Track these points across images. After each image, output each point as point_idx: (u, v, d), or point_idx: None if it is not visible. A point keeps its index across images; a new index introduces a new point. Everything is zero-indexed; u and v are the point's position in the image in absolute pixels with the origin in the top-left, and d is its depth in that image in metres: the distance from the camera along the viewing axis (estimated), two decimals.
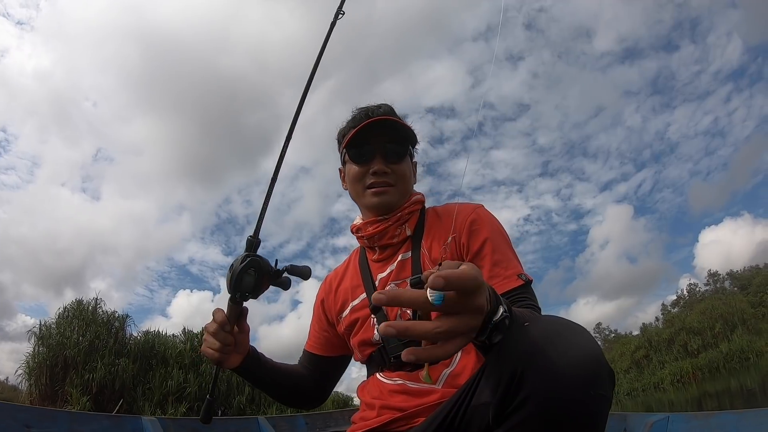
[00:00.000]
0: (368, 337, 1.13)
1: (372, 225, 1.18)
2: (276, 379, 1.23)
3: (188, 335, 15.06)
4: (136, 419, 1.95)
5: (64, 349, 13.18)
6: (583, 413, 0.64)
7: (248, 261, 0.99)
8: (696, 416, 1.81)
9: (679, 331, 39.53)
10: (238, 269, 0.98)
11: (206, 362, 13.70)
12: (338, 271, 1.31)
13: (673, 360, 38.08)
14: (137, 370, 13.35)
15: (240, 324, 1.08)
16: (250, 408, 13.37)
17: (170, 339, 14.85)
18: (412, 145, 1.24)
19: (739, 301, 39.05)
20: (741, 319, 36.29)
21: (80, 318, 14.35)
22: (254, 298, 1.02)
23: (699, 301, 46.71)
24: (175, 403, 12.51)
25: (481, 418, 0.73)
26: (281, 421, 2.51)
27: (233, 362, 1.11)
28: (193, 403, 12.74)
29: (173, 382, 12.91)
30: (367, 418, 1.07)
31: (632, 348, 44.33)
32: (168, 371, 13.26)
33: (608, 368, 0.68)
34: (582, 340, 0.67)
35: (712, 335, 36.67)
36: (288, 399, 1.30)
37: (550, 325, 0.71)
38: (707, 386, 28.45)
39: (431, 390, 1.01)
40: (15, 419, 1.57)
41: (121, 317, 14.84)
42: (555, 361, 0.65)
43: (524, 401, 0.65)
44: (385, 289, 1.07)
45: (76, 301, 15.12)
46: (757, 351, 32.31)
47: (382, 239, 1.17)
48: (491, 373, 0.72)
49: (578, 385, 0.63)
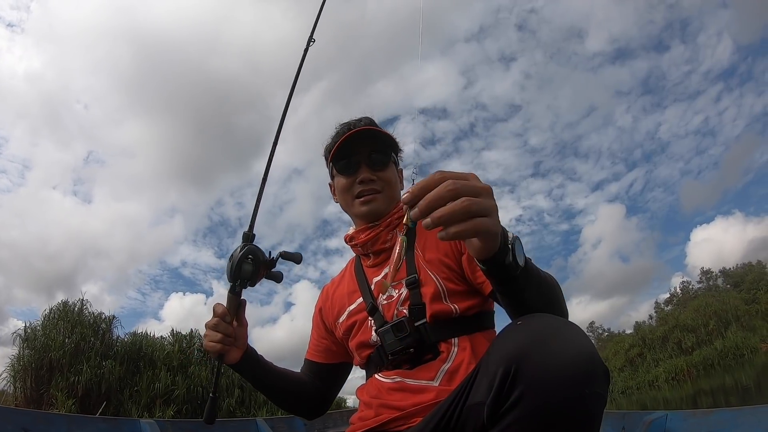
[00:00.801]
0: (366, 339, 1.15)
1: (364, 232, 1.22)
2: (277, 382, 1.25)
3: (176, 337, 14.72)
4: (133, 422, 1.94)
5: (49, 351, 12.83)
6: (578, 412, 0.64)
7: (247, 249, 1.06)
8: (694, 414, 1.82)
9: (673, 329, 39.59)
10: (238, 257, 1.05)
11: (195, 364, 13.49)
12: (335, 280, 1.35)
13: (667, 358, 38.16)
14: (124, 373, 12.99)
15: (239, 317, 1.13)
16: (240, 411, 13.05)
17: (158, 341, 14.48)
18: (396, 153, 1.28)
19: (732, 298, 39.19)
20: (735, 316, 36.37)
21: (66, 320, 14.00)
22: (252, 285, 1.09)
23: (692, 299, 46.91)
24: (162, 406, 12.17)
25: (476, 417, 0.74)
26: (279, 422, 2.51)
27: (234, 356, 1.13)
28: (182, 406, 12.41)
29: (161, 385, 12.55)
30: (365, 418, 1.07)
31: (626, 346, 44.40)
32: (155, 373, 12.92)
33: (603, 366, 0.68)
34: (575, 338, 0.68)
35: (706, 332, 36.74)
36: (289, 404, 1.30)
37: (544, 323, 0.72)
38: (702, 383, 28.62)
39: (429, 387, 1.01)
40: (12, 422, 1.57)
41: (108, 319, 14.46)
42: (548, 360, 0.65)
43: (518, 400, 0.65)
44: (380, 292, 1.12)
45: (62, 302, 14.81)
46: (752, 347, 32.43)
47: (375, 245, 1.21)
48: (485, 372, 0.73)
49: (572, 383, 0.64)
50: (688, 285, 54.68)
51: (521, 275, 0.77)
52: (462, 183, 0.64)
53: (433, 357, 1.04)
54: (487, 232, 0.66)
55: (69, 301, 14.76)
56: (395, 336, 1.06)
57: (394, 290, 1.12)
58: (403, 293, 1.10)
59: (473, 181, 0.66)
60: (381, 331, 1.08)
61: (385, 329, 1.07)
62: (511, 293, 0.82)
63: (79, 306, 14.58)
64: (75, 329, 13.67)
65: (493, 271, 0.77)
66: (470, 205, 0.63)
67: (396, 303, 1.11)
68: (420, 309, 1.06)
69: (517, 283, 0.78)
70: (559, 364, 0.64)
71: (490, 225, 0.65)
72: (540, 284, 0.84)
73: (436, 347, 1.04)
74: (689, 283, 55.09)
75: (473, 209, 0.63)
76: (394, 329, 1.06)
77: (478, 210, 0.64)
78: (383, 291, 1.03)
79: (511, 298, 0.83)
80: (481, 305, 1.09)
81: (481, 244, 0.71)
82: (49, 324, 13.83)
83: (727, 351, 33.46)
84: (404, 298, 1.10)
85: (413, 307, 1.07)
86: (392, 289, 1.12)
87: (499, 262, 0.74)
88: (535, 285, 0.82)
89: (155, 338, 14.58)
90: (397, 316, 1.09)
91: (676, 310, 46.35)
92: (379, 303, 1.13)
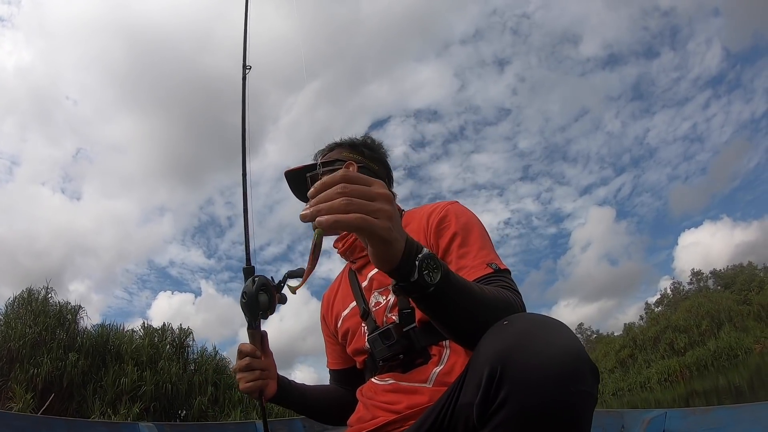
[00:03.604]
0: (360, 346, 1.17)
1: (340, 241, 1.25)
2: (316, 402, 1.30)
3: (147, 330, 13.77)
4: (133, 426, 1.97)
5: (9, 341, 11.93)
6: (564, 410, 0.65)
7: (259, 281, 1.08)
8: (693, 411, 1.81)
9: (665, 329, 39.34)
10: (253, 292, 1.06)
11: (165, 359, 12.59)
12: (333, 287, 1.38)
13: (659, 358, 37.82)
14: (89, 367, 12.10)
15: (264, 350, 1.15)
16: (213, 410, 12.18)
17: (127, 334, 13.50)
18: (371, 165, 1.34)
19: (725, 299, 39.01)
20: (728, 317, 36.17)
21: (29, 309, 13.06)
22: (271, 314, 1.10)
23: (683, 300, 46.82)
24: (128, 403, 11.24)
25: (466, 418, 0.74)
26: (279, 424, 2.53)
27: (272, 389, 1.16)
28: (149, 403, 11.49)
29: (127, 380, 11.61)
30: (362, 420, 1.08)
31: (617, 347, 44.12)
32: (122, 368, 11.98)
33: (590, 364, 0.68)
34: (561, 336, 0.68)
35: (698, 333, 36.50)
36: (333, 418, 1.32)
37: (529, 323, 0.72)
38: (695, 384, 28.48)
39: (422, 388, 1.01)
40: (11, 428, 1.59)
41: (74, 308, 13.49)
42: (533, 359, 0.65)
43: (505, 400, 0.66)
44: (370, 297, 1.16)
45: (26, 290, 13.90)
46: (746, 348, 32.25)
47: (354, 253, 1.23)
48: (473, 373, 0.74)
49: (557, 381, 0.64)
50: (679, 286, 54.69)
51: (435, 294, 0.74)
52: (353, 186, 0.66)
53: (424, 361, 1.04)
54: (370, 232, 0.66)
55: (33, 289, 13.90)
56: (383, 343, 1.07)
57: (382, 296, 1.13)
58: (391, 299, 1.11)
59: (373, 188, 0.68)
60: (370, 339, 1.10)
61: (373, 337, 1.09)
62: (429, 313, 0.79)
63: (43, 294, 13.79)
64: (38, 318, 12.72)
65: (403, 288, 0.74)
66: (349, 204, 0.64)
67: (384, 309, 1.12)
68: (408, 314, 1.06)
69: (432, 302, 0.76)
70: (544, 363, 0.65)
71: (376, 226, 0.65)
72: (468, 307, 0.79)
73: (427, 351, 1.04)
74: (680, 284, 55.11)
75: (351, 209, 0.64)
76: (382, 337, 1.07)
77: (359, 208, 0.65)
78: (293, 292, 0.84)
79: (432, 317, 0.81)
80: None
81: (372, 250, 0.69)
82: (12, 313, 12.94)
83: (721, 352, 33.29)
84: (392, 304, 1.10)
85: (402, 312, 1.07)
86: (379, 296, 1.14)
87: (403, 277, 0.72)
88: (460, 307, 0.78)
89: (124, 331, 13.63)
90: (386, 322, 1.10)
91: (667, 311, 46.25)
92: (371, 308, 1.14)
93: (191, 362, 13.71)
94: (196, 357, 13.89)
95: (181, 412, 12.20)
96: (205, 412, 11.93)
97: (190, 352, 13.91)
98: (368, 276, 1.17)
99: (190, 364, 13.61)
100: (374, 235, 0.66)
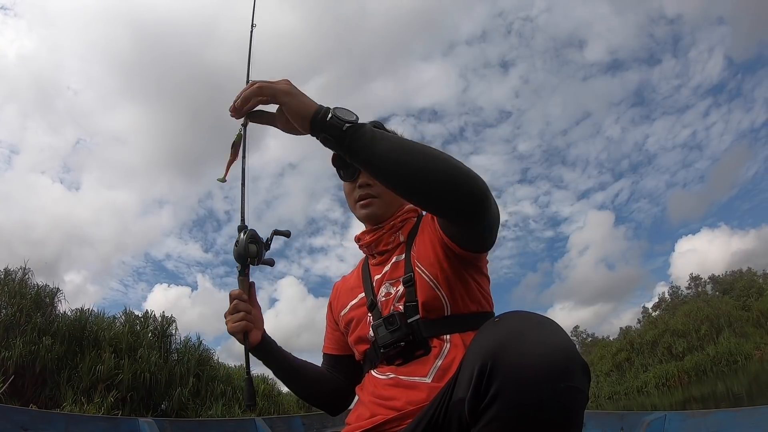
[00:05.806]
0: (364, 333, 1.19)
1: (368, 234, 1.29)
2: (299, 370, 1.29)
3: (128, 316, 13.07)
4: (132, 421, 1.97)
5: None
6: (555, 406, 0.65)
7: (250, 232, 1.17)
8: (693, 414, 1.83)
9: (663, 333, 38.83)
10: (245, 240, 1.15)
11: (144, 347, 11.90)
12: (345, 277, 1.41)
13: (657, 363, 37.30)
14: (65, 352, 11.42)
15: (252, 299, 1.21)
16: (194, 402, 11.49)
17: (107, 320, 12.78)
18: None
19: (725, 304, 38.53)
20: (727, 322, 35.69)
21: (5, 289, 12.36)
22: (258, 264, 1.18)
23: (682, 304, 46.37)
24: (103, 392, 10.56)
25: (460, 413, 0.75)
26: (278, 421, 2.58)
27: (256, 336, 1.18)
28: (126, 393, 10.81)
29: (104, 368, 10.93)
30: (361, 418, 1.09)
31: (613, 350, 43.60)
32: (99, 355, 11.29)
33: (581, 361, 0.68)
34: (551, 333, 0.69)
35: (697, 338, 36.00)
36: (313, 396, 1.33)
37: (521, 320, 0.73)
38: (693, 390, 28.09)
39: (421, 384, 1.02)
40: (11, 421, 1.60)
41: (52, 291, 12.80)
42: (523, 355, 0.66)
43: (496, 396, 0.67)
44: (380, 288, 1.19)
45: (3, 270, 13.20)
46: (746, 354, 31.80)
47: (377, 246, 1.26)
48: (465, 368, 0.74)
49: (547, 377, 0.64)
50: (677, 290, 54.29)
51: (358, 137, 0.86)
52: (263, 81, 0.92)
53: (424, 353, 1.06)
54: (272, 93, 0.90)
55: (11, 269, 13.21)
56: (386, 329, 1.10)
57: (393, 287, 1.17)
58: (400, 290, 1.15)
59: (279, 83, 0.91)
60: (375, 325, 1.14)
61: (378, 323, 1.13)
62: (363, 163, 0.89)
63: (20, 275, 13.10)
64: (13, 300, 12.05)
65: (325, 140, 0.88)
66: (260, 86, 0.91)
67: (393, 300, 1.15)
68: (414, 306, 1.10)
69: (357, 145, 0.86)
70: (535, 359, 0.65)
71: (278, 92, 0.90)
72: (403, 152, 0.87)
73: (428, 343, 1.07)
74: (678, 289, 54.69)
75: (263, 92, 0.91)
76: (386, 322, 1.10)
77: (267, 92, 0.91)
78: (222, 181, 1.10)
79: (366, 168, 0.91)
80: (477, 306, 1.11)
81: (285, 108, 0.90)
82: None
83: (720, 357, 32.80)
84: (400, 295, 1.14)
85: (408, 304, 1.11)
86: (390, 287, 1.17)
87: (320, 123, 0.87)
88: (385, 149, 0.86)
89: (104, 317, 12.89)
90: (394, 310, 1.13)
91: (665, 315, 45.77)
92: (379, 300, 1.17)
93: (173, 352, 13.03)
94: (179, 346, 13.21)
95: (162, 404, 11.53)
96: (186, 403, 11.27)
97: (172, 341, 13.23)
98: (383, 271, 1.21)
99: (172, 353, 12.93)
100: (277, 93, 0.90)
